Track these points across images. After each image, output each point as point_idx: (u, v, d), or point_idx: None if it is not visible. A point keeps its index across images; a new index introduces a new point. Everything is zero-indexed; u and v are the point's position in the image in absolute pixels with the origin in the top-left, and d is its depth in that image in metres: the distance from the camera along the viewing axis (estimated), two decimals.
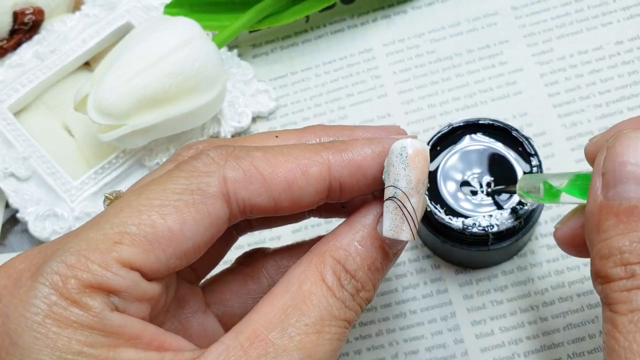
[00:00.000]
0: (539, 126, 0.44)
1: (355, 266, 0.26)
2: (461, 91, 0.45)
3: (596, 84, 0.44)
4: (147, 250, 0.24)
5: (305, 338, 0.24)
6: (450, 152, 0.38)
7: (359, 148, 0.27)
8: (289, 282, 0.26)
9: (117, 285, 0.23)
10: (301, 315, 0.25)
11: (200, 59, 0.40)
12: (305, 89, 0.47)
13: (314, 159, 0.26)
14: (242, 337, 0.24)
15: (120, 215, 0.24)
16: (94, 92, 0.40)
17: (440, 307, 0.40)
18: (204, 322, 0.30)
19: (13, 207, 0.44)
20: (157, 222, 0.24)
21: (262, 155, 0.26)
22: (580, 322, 0.39)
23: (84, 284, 0.23)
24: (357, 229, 0.27)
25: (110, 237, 0.24)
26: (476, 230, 0.36)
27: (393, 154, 0.26)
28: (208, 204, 0.25)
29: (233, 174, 0.25)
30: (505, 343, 0.39)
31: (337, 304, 0.26)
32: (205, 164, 0.26)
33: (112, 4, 0.48)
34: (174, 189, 0.25)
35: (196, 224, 0.25)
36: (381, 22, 0.48)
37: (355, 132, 0.30)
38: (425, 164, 0.26)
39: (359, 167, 0.27)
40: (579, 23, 0.46)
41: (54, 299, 0.23)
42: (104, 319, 0.23)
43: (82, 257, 0.23)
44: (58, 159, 0.45)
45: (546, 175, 0.31)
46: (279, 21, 0.46)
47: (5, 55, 0.48)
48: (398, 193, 0.26)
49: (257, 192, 0.26)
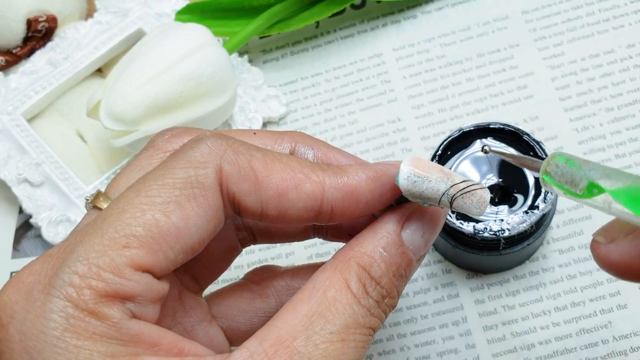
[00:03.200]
0: (550, 130, 0.43)
1: (380, 273, 0.26)
2: (471, 95, 0.45)
3: (608, 87, 0.44)
4: (155, 251, 0.24)
5: (331, 346, 0.24)
6: (460, 157, 0.38)
7: (353, 173, 0.27)
8: (313, 288, 0.25)
9: (133, 291, 0.23)
10: (326, 322, 0.24)
11: (212, 65, 0.41)
12: (316, 94, 0.47)
13: (309, 176, 0.26)
14: (267, 343, 0.24)
15: (123, 216, 0.24)
16: (106, 99, 0.40)
17: (451, 312, 0.40)
18: (209, 331, 0.30)
19: (26, 212, 0.45)
20: (161, 221, 0.24)
21: (261, 157, 0.26)
22: (593, 327, 0.38)
23: (99, 294, 0.23)
24: (382, 235, 0.27)
25: (117, 241, 0.23)
26: (487, 234, 0.36)
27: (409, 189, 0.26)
28: (208, 196, 0.25)
29: (229, 167, 0.25)
30: (517, 348, 0.39)
31: (362, 312, 0.25)
32: (203, 154, 0.25)
33: (124, 11, 0.48)
34: (173, 183, 0.24)
35: (199, 218, 0.25)
36: (391, 27, 0.48)
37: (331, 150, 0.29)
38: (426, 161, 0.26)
39: (352, 192, 0.26)
40: (590, 26, 0.46)
41: (70, 311, 0.22)
42: (123, 328, 0.23)
43: (92, 266, 0.23)
44: (71, 164, 0.45)
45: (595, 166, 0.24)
46: (289, 27, 0.47)
47: (19, 62, 0.48)
48: (450, 192, 0.26)
49: (246, 191, 0.25)
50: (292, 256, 0.43)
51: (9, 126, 0.45)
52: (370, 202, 0.27)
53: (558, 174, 0.24)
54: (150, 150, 0.28)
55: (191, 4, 0.47)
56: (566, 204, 0.41)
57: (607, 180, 0.22)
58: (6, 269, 0.45)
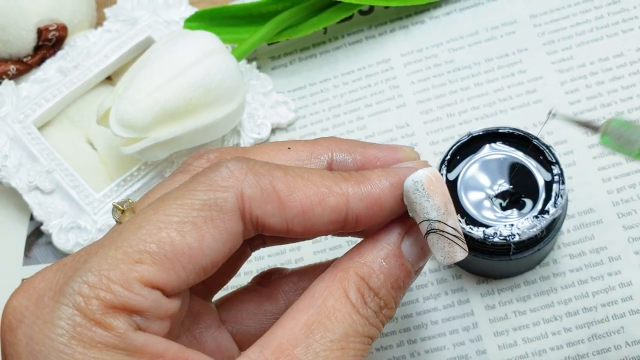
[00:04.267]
0: (559, 134, 0.43)
1: (379, 284, 0.26)
2: (480, 100, 0.45)
3: (618, 91, 0.44)
4: (167, 269, 0.24)
5: (330, 354, 0.24)
6: (470, 162, 0.38)
7: (377, 181, 0.27)
8: (312, 297, 0.26)
9: (140, 306, 0.23)
10: (326, 331, 0.25)
11: (220, 72, 0.41)
12: (324, 100, 0.48)
13: (333, 189, 0.26)
14: (267, 351, 0.24)
15: (139, 232, 0.24)
16: (116, 106, 0.40)
17: (462, 317, 0.40)
18: (217, 337, 0.30)
19: (37, 219, 0.45)
20: (176, 240, 0.24)
21: (282, 175, 0.26)
22: (605, 332, 0.38)
23: (106, 305, 0.23)
24: (382, 247, 0.27)
25: (130, 256, 0.24)
26: (497, 239, 0.36)
27: (409, 191, 0.26)
28: (225, 220, 0.25)
29: (251, 191, 0.25)
30: (528, 354, 0.38)
31: (361, 321, 0.26)
32: (224, 177, 0.25)
33: (134, 20, 0.49)
34: (192, 204, 0.25)
35: (214, 240, 0.25)
36: (399, 32, 0.48)
37: (367, 149, 0.29)
38: (443, 185, 0.26)
39: (377, 200, 0.26)
40: (599, 30, 0.46)
41: (77, 319, 0.23)
42: (128, 339, 0.23)
43: (103, 278, 0.23)
44: (81, 172, 0.45)
45: None
46: (297, 33, 0.47)
47: (30, 71, 0.49)
48: (434, 224, 0.26)
49: (270, 213, 0.25)
50: (301, 262, 0.43)
51: (20, 134, 0.46)
52: (394, 207, 0.27)
53: (616, 136, 0.27)
54: (185, 175, 0.28)
55: (200, 12, 0.48)
56: (577, 209, 0.41)
57: None
58: (17, 275, 0.46)
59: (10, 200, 0.47)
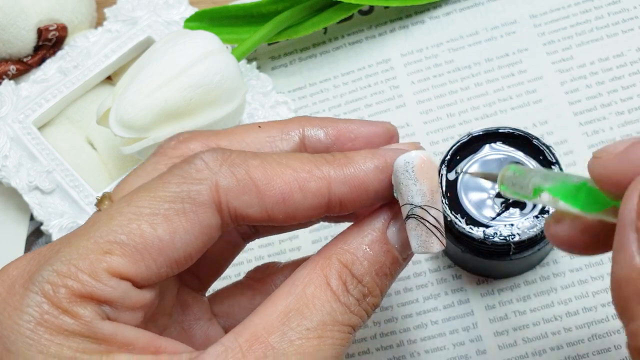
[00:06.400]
0: (559, 134, 0.43)
1: (363, 271, 0.25)
2: (480, 100, 0.45)
3: (618, 91, 0.44)
4: (137, 260, 0.24)
5: (306, 342, 0.24)
6: (470, 162, 0.38)
7: (361, 163, 0.26)
8: (292, 285, 0.25)
9: (108, 296, 0.23)
10: (303, 319, 0.24)
11: (220, 72, 0.41)
12: (324, 100, 0.48)
13: (313, 173, 0.25)
14: (242, 338, 0.24)
15: (110, 223, 0.24)
16: (116, 106, 0.40)
17: (462, 317, 0.40)
18: (207, 330, 0.30)
19: (37, 219, 0.45)
20: (147, 232, 0.24)
21: (259, 164, 0.25)
22: (605, 332, 0.38)
23: (74, 293, 0.23)
24: (367, 233, 0.26)
25: (100, 246, 0.24)
26: (497, 239, 0.36)
27: (398, 171, 0.25)
28: (199, 212, 0.24)
29: (226, 182, 0.25)
30: (528, 354, 0.38)
31: (341, 309, 0.25)
32: (198, 169, 0.25)
33: (134, 20, 0.49)
34: (164, 196, 0.24)
35: (187, 233, 0.24)
36: (399, 32, 0.48)
37: (340, 123, 0.28)
38: (434, 172, 0.25)
39: (361, 184, 0.25)
40: (599, 30, 0.46)
41: (45, 307, 0.23)
42: (95, 327, 0.23)
43: (72, 267, 0.23)
44: (81, 172, 0.45)
45: (537, 172, 0.27)
46: (297, 33, 0.47)
47: (30, 71, 0.49)
48: (416, 210, 0.25)
49: (249, 203, 0.25)
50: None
51: (20, 134, 0.46)
52: (380, 191, 0.26)
53: (511, 183, 0.27)
54: (157, 157, 0.28)
55: (200, 12, 0.48)
56: None
57: (549, 181, 0.26)
58: None
59: (10, 200, 0.47)
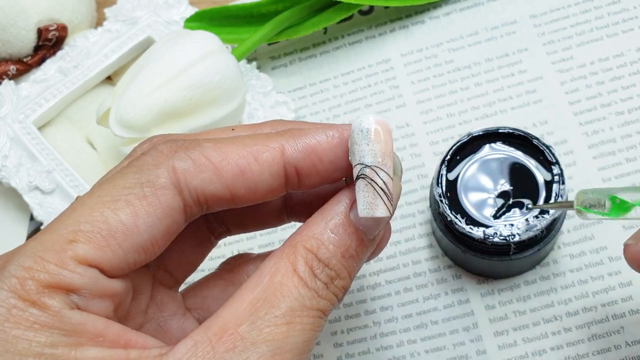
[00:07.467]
0: (559, 134, 0.43)
1: (329, 254, 0.26)
2: (480, 100, 0.45)
3: (618, 91, 0.44)
4: (102, 246, 0.24)
5: (275, 330, 0.24)
6: (470, 162, 0.38)
7: (313, 133, 0.26)
8: (260, 276, 0.25)
9: (75, 283, 0.23)
10: (271, 307, 0.24)
11: (220, 72, 0.41)
12: (324, 100, 0.48)
13: (266, 144, 0.26)
14: (211, 332, 0.24)
15: (73, 215, 0.24)
16: (115, 106, 0.40)
17: (462, 317, 0.40)
18: (183, 324, 0.30)
19: (37, 219, 0.45)
20: (109, 218, 0.24)
21: (213, 145, 0.26)
22: (605, 332, 0.38)
23: (42, 284, 0.23)
24: (330, 217, 0.26)
25: (65, 237, 0.24)
26: (497, 239, 0.36)
27: (354, 132, 0.25)
28: (159, 195, 0.25)
29: (182, 163, 0.25)
30: (528, 354, 0.38)
31: (309, 294, 0.25)
32: (154, 157, 0.25)
33: (134, 20, 0.49)
34: (124, 184, 0.25)
35: (149, 216, 0.25)
36: (399, 32, 0.48)
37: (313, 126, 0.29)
38: (388, 136, 0.25)
39: (313, 150, 0.26)
40: (599, 30, 0.46)
41: (12, 302, 0.23)
42: (64, 318, 0.23)
43: (38, 259, 0.23)
44: (81, 172, 0.45)
45: (611, 190, 0.31)
46: (297, 33, 0.47)
47: (29, 71, 0.49)
48: (365, 170, 0.25)
49: (208, 180, 0.25)
50: None
51: (20, 134, 0.46)
52: (335, 161, 0.26)
53: (588, 201, 0.31)
54: (127, 159, 0.28)
55: (200, 12, 0.48)
56: None
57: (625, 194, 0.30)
58: None
59: (10, 200, 0.47)
